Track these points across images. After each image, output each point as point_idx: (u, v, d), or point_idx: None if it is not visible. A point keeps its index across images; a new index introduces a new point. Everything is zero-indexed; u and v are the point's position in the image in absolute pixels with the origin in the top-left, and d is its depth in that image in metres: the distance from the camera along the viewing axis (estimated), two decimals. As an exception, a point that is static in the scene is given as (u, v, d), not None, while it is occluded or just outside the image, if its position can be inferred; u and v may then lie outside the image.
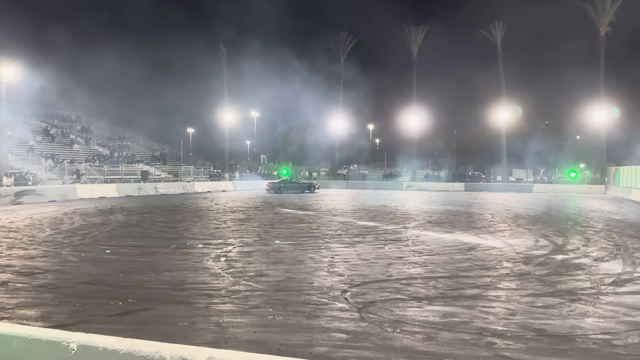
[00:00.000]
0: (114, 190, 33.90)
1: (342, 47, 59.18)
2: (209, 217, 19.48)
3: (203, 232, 14.67)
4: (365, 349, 5.06)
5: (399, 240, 13.01)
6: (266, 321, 5.97)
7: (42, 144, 42.14)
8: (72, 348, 3.01)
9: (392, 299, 7.06)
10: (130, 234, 14.41)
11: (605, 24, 46.62)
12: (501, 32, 52.55)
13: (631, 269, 9.25)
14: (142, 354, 2.84)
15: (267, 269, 9.13)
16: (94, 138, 49.85)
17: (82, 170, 37.64)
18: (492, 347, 5.14)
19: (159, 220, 18.22)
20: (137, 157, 47.78)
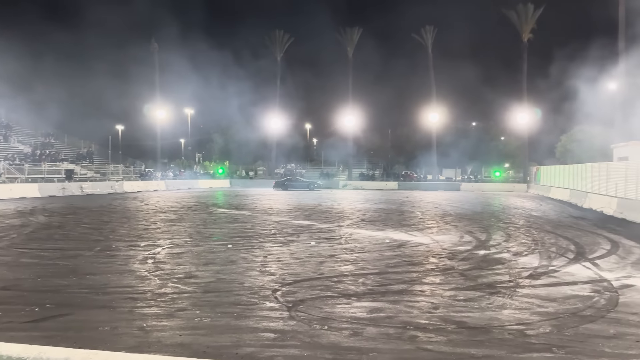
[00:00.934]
0: (35, 190, 31.96)
1: (279, 46, 58.99)
2: (137, 217, 18.81)
3: (130, 233, 14.14)
4: (293, 347, 5.09)
5: (333, 239, 13.17)
6: (193, 323, 5.85)
7: (-47, 141, 38.98)
8: (-28, 359, 2.82)
9: (322, 296, 7.15)
10: (51, 236, 13.64)
11: (527, 31, 49.48)
12: (432, 36, 54.45)
13: (547, 263, 9.88)
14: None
15: (197, 270, 8.95)
16: (14, 135, 46.67)
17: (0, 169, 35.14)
18: (414, 341, 5.33)
19: (84, 221, 17.37)
20: (61, 155, 45.24)
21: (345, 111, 56.41)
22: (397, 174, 58.88)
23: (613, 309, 6.60)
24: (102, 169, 45.58)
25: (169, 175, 52.18)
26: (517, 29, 49.77)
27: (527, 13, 49.10)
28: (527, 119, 48.68)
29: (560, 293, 7.44)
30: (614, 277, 8.52)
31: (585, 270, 9.14)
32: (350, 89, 57.26)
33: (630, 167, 20.29)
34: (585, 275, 8.70)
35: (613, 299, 7.08)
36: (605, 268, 9.37)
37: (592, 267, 9.49)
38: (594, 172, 25.20)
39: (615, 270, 9.15)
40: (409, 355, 4.91)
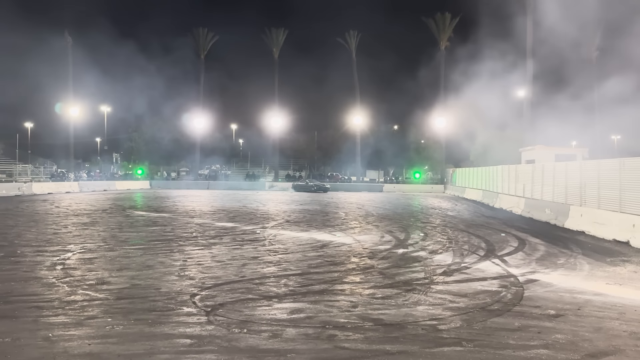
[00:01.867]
0: None
1: (203, 44, 57.68)
2: (47, 221, 17.59)
3: (38, 238, 13.19)
4: (209, 352, 4.97)
5: (256, 240, 13.06)
6: (103, 332, 5.56)
7: None
8: None
9: (242, 299, 7.05)
10: (-55, 243, 12.42)
11: (445, 39, 51.95)
12: (356, 40, 55.66)
13: (459, 260, 10.40)
14: None
15: (110, 276, 8.52)
16: None
17: None
18: (332, 339, 5.39)
19: (-15, 226, 15.99)
20: (-40, 154, 41.45)
21: (272, 112, 56.25)
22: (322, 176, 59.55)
23: (518, 303, 7.06)
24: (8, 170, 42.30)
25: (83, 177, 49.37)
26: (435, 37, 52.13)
27: (445, 22, 51.58)
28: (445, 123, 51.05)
29: (470, 289, 7.85)
30: (520, 273, 9.12)
31: (495, 267, 9.72)
32: (276, 90, 57.22)
33: (536, 170, 21.86)
34: (494, 272, 9.25)
35: (518, 294, 7.57)
36: (513, 264, 10.02)
37: (501, 263, 10.11)
38: (504, 174, 26.90)
39: (522, 266, 9.81)
40: (326, 355, 4.96)
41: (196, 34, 57.54)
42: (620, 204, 13.86)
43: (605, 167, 15.39)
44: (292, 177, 57.12)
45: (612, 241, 13.18)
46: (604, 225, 14.22)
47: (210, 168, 62.44)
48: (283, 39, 56.55)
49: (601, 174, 15.35)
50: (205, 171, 60.71)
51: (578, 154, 30.00)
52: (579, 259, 10.80)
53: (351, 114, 55.11)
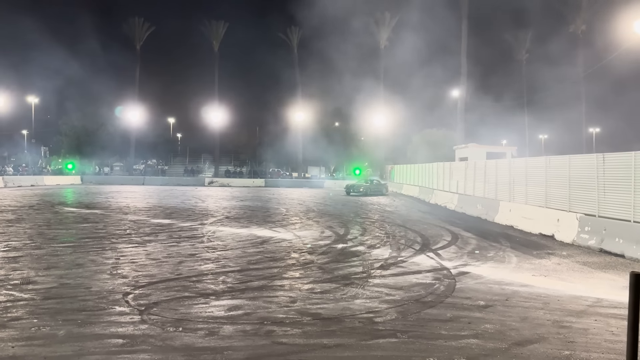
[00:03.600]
0: None
1: (138, 34, 55.66)
2: (-34, 218, 16.39)
3: (-45, 236, 12.28)
4: (143, 352, 4.83)
5: (194, 237, 12.80)
6: (29, 333, 5.26)
7: None
8: None
9: (178, 297, 6.90)
10: None
11: (384, 38, 52.99)
12: (297, 36, 55.69)
13: (396, 254, 10.68)
14: None
15: (37, 275, 8.07)
16: None
17: None
18: (271, 335, 5.39)
19: None
20: None
21: (212, 106, 55.22)
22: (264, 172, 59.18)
23: (450, 294, 7.34)
24: None
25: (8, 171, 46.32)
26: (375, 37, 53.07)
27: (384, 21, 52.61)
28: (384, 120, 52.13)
29: (406, 281, 8.08)
30: (453, 266, 9.50)
31: (429, 260, 10.06)
32: (216, 83, 56.29)
33: (468, 167, 22.79)
34: (429, 265, 9.57)
35: (451, 286, 7.88)
36: (446, 257, 10.41)
37: (435, 257, 10.48)
38: (439, 171, 27.86)
39: (454, 259, 10.21)
40: (264, 351, 4.95)
41: (131, 24, 55.44)
42: (546, 200, 14.73)
43: (532, 165, 16.30)
44: (233, 172, 56.38)
45: (539, 235, 13.98)
46: (531, 220, 15.06)
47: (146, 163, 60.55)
48: (223, 32, 55.63)
49: (528, 171, 16.24)
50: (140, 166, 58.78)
51: (508, 152, 31.54)
52: (508, 252, 11.37)
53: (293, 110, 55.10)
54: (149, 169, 57.30)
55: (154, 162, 61.53)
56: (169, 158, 65.19)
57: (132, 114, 54.95)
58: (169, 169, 58.78)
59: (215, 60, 56.39)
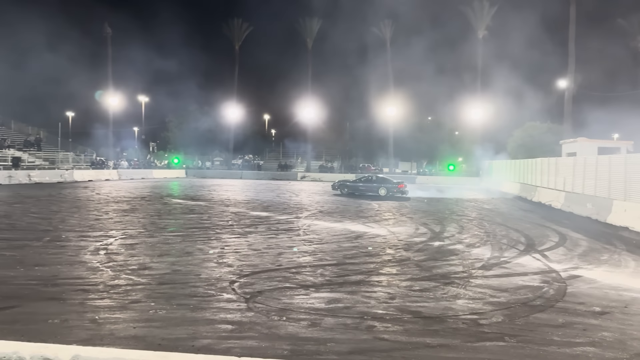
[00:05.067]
0: (-23, 178, 30.29)
1: (237, 34, 58.11)
2: (88, 207, 18.15)
3: (81, 223, 13.63)
4: (250, 338, 5.04)
5: (291, 230, 13.14)
6: (147, 316, 5.70)
7: None
8: None
9: (280, 287, 7.12)
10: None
11: (482, 27, 50.75)
12: (390, 30, 54.98)
13: (498, 254, 10.21)
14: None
15: (152, 261, 8.73)
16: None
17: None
18: (371, 330, 5.38)
19: (31, 210, 16.61)
20: (7, 142, 43.08)
21: (305, 103, 56.32)
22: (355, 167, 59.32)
23: (561, 299, 6.88)
24: (51, 157, 43.70)
25: (122, 165, 50.59)
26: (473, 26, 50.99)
27: (482, 10, 50.37)
28: (481, 114, 50.02)
29: (511, 283, 7.70)
30: (562, 269, 8.89)
31: (535, 262, 9.50)
32: (309, 80, 57.18)
33: (577, 163, 21.20)
34: (535, 267, 9.03)
35: (561, 289, 7.38)
36: (554, 259, 9.77)
37: (542, 258, 9.87)
38: (543, 167, 26.19)
39: (563, 262, 9.55)
40: (366, 345, 4.95)
41: (231, 25, 57.99)
42: (669, 200, 13.31)
43: (653, 161, 14.79)
44: (325, 167, 57.15)
45: (659, 238, 12.68)
46: (650, 222, 13.69)
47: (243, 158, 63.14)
48: (317, 29, 56.39)
49: (648, 168, 14.76)
50: (238, 161, 61.41)
51: (622, 147, 28.89)
52: (624, 255, 10.44)
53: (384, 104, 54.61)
54: (246, 164, 59.69)
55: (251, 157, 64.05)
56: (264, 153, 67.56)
57: (231, 112, 57.65)
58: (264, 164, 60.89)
59: (309, 57, 57.34)
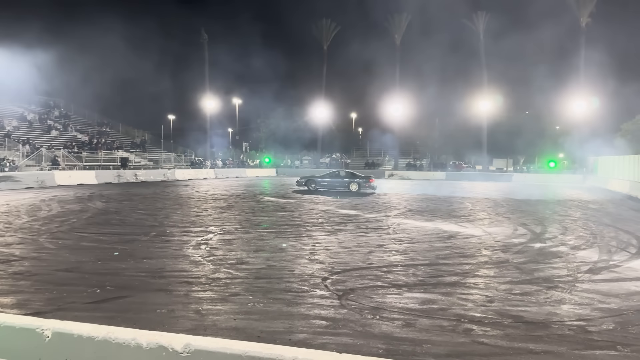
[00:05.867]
0: (92, 177, 33.38)
1: (326, 35, 58.88)
2: (189, 204, 19.32)
3: (183, 219, 14.54)
4: (345, 335, 5.09)
5: (380, 229, 13.07)
6: (246, 308, 5.95)
7: (19, 130, 41.21)
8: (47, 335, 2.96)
9: (372, 286, 7.10)
10: (108, 221, 14.22)
11: (585, 14, 47.17)
12: (483, 21, 52.81)
13: (607, 257, 9.44)
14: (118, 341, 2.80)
15: (248, 256, 9.10)
16: (72, 124, 48.91)
17: (60, 156, 36.94)
18: (469, 334, 5.21)
19: (139, 207, 18.01)
20: (116, 143, 47.04)
21: (392, 100, 55.74)
22: (444, 164, 57.71)
23: (683, 307, 6.23)
24: (154, 157, 47.09)
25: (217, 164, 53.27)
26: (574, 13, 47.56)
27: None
28: (585, 107, 46.53)
29: (622, 289, 7.09)
30: (683, 275, 8.03)
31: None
32: (397, 77, 56.59)
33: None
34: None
35: (682, 298, 6.68)
36: (673, 264, 8.85)
37: (658, 263, 8.99)
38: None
39: (684, 267, 8.63)
40: (464, 349, 4.80)
41: (319, 25, 58.86)
42: None
43: None
44: (413, 165, 56.21)
45: None
46: None
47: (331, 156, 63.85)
48: (406, 24, 55.58)
49: None
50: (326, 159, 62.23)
51: None
52: None
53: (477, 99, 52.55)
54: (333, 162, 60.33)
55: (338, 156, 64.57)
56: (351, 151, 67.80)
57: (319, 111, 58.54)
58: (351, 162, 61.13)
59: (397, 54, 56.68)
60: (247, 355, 2.60)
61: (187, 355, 2.69)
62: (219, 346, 2.70)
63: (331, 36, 59.07)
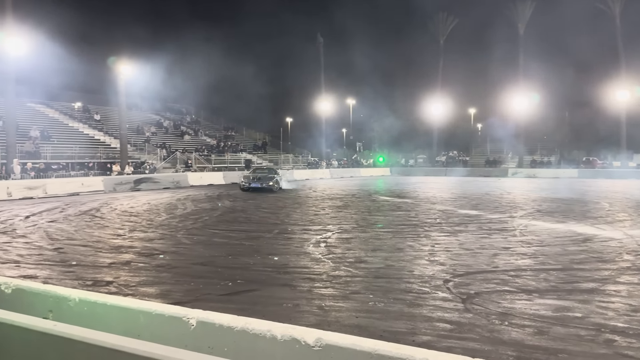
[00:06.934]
0: (220, 178, 35.93)
1: (442, 29, 57.30)
2: (307, 204, 19.97)
3: (303, 218, 15.07)
4: (471, 340, 4.91)
5: (505, 230, 12.40)
6: (367, 307, 6.00)
7: (156, 136, 45.69)
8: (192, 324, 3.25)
9: (498, 290, 6.77)
10: (236, 219, 15.20)
11: None
12: (620, 4, 47.64)
13: None
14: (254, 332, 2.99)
15: (366, 255, 9.16)
16: (202, 129, 53.13)
17: (192, 159, 40.30)
18: (611, 345, 4.74)
19: (262, 206, 19.00)
20: (240, 146, 50.19)
21: (515, 93, 52.48)
22: (576, 161, 52.97)
23: None
24: (274, 159, 49.42)
25: (333, 164, 54.35)
26: None
27: None
28: None
29: None
30: None
31: None
32: (520, 68, 53.20)
33: None
34: None
35: None
36: None
37: None
38: None
39: None
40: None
41: (436, 19, 57.45)
42: None
43: None
44: (539, 162, 52.41)
45: None
46: None
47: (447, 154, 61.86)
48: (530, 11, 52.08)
49: None
50: (442, 158, 60.43)
51: None
52: None
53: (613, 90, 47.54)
54: (450, 160, 58.40)
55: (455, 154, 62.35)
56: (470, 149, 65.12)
57: (434, 108, 57.09)
58: (470, 160, 58.73)
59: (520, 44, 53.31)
60: (376, 353, 2.62)
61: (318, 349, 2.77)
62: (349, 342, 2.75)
63: (448, 30, 57.33)
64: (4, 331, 3.01)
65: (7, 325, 3.01)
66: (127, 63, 34.63)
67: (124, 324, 3.45)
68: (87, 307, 3.76)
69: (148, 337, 3.10)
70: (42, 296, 4.06)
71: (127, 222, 14.41)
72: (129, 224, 13.88)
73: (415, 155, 64.93)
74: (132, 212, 16.83)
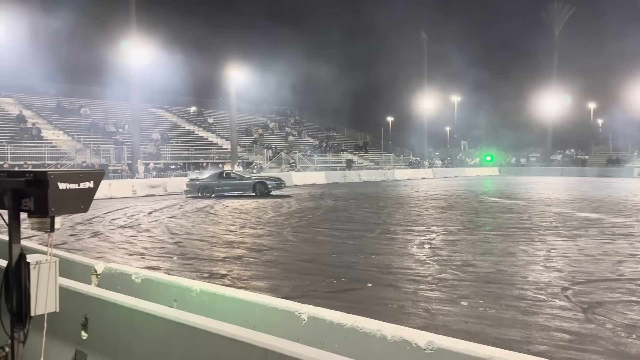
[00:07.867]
0: (322, 177, 36.65)
1: (557, 20, 53.38)
2: (410, 204, 19.66)
3: (405, 218, 14.87)
4: (594, 352, 4.53)
5: (631, 235, 11.26)
6: (477, 312, 5.78)
7: (263, 137, 47.71)
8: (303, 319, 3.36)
9: (624, 300, 6.17)
10: (338, 218, 15.40)
11: None
12: None
13: None
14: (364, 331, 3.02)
15: (474, 259, 8.81)
16: (305, 130, 54.56)
17: (296, 159, 41.55)
18: None
19: (364, 205, 19.06)
20: (342, 146, 50.76)
21: None
22: None
23: None
24: (375, 158, 49.31)
25: (436, 164, 52.97)
26: None
27: None
28: None
29: None
30: None
31: None
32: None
33: None
34: None
35: None
36: None
37: None
38: None
39: None
40: None
41: (550, 10, 53.72)
42: None
43: None
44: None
45: None
46: None
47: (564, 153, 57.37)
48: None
49: None
50: (557, 156, 56.17)
51: None
52: None
53: None
54: (567, 159, 54.08)
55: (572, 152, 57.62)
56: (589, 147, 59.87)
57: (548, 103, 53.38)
58: (589, 159, 53.96)
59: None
60: (493, 360, 2.52)
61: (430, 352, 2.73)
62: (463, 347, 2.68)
63: (563, 20, 53.30)
64: (136, 317, 3.33)
65: (139, 312, 3.33)
66: (237, 68, 36.64)
67: (242, 316, 3.66)
68: (208, 297, 4.05)
69: (263, 328, 3.26)
70: (167, 286, 4.43)
71: (237, 219, 15.23)
72: (240, 221, 14.65)
73: (527, 154, 61.03)
74: (242, 210, 17.75)
